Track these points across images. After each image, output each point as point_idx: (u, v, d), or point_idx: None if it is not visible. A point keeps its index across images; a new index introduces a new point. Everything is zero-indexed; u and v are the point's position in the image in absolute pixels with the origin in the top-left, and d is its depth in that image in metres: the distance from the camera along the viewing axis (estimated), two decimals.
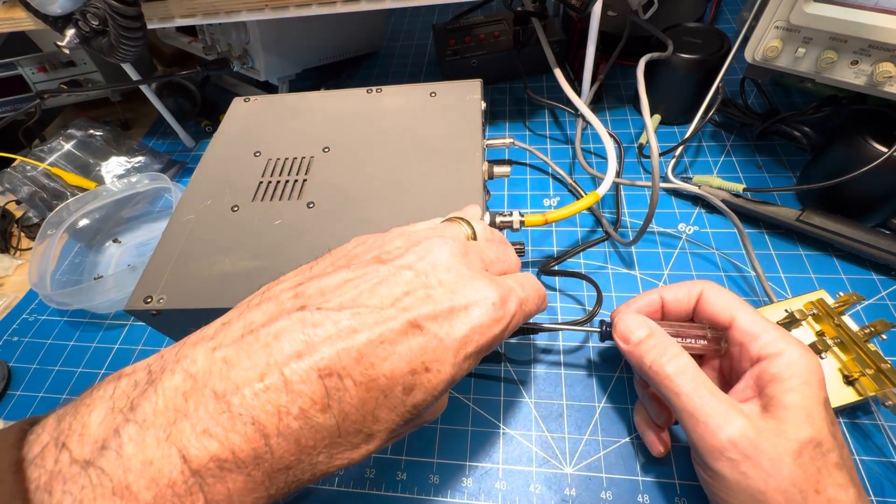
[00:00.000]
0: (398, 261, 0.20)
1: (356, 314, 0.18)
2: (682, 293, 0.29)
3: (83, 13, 0.37)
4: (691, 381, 0.24)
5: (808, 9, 0.34)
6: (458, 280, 0.20)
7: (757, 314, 0.27)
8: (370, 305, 0.18)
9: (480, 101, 0.41)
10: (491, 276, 0.22)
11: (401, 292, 0.19)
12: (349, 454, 0.18)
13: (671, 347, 0.26)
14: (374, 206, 0.34)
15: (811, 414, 0.23)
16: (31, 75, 0.57)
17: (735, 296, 0.28)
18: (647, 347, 0.27)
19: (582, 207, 0.36)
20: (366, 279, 0.19)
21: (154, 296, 0.31)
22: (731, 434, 0.22)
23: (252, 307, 0.19)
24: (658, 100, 0.50)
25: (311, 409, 0.16)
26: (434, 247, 0.21)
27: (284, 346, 0.17)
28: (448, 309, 0.19)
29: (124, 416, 0.15)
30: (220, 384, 0.16)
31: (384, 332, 0.18)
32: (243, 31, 0.51)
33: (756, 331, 0.25)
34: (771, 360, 0.24)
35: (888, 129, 0.37)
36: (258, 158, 0.40)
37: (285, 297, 0.19)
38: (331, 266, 0.21)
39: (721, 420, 0.23)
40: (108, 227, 0.51)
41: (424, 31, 0.72)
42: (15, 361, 0.42)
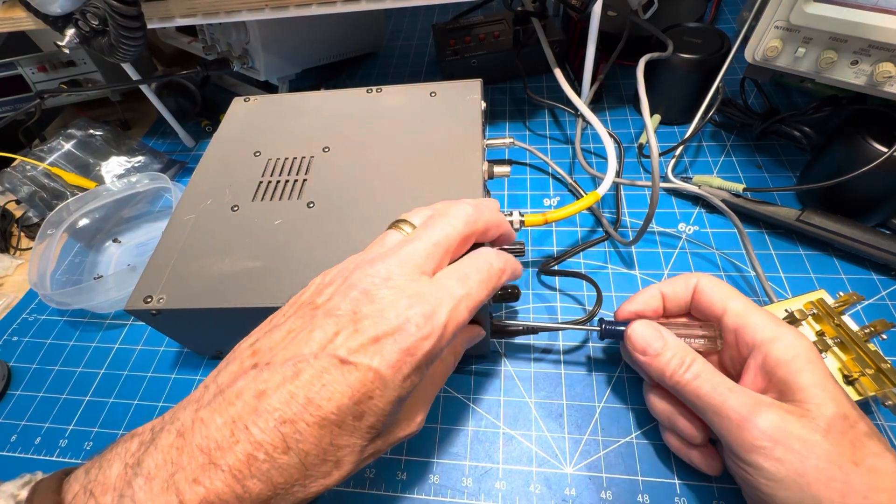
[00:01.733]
0: (329, 304, 0.22)
1: (297, 364, 0.20)
2: (679, 287, 0.30)
3: (83, 13, 0.37)
4: (708, 382, 0.25)
5: (808, 9, 0.34)
6: (382, 308, 0.21)
7: (748, 302, 0.27)
8: (306, 354, 0.20)
9: (480, 101, 0.41)
10: (424, 284, 0.22)
11: (332, 333, 0.20)
12: (323, 481, 0.20)
13: (687, 356, 0.27)
14: (374, 206, 0.34)
15: (827, 389, 0.23)
16: (31, 75, 0.57)
17: (729, 287, 0.29)
18: (664, 360, 0.27)
19: (582, 207, 0.36)
20: (304, 328, 0.21)
21: (154, 296, 0.31)
22: (758, 423, 0.23)
23: (222, 369, 0.22)
24: (658, 100, 0.50)
25: (274, 452, 0.19)
26: (357, 281, 0.22)
27: (244, 403, 0.19)
28: (373, 338, 0.20)
29: (133, 472, 0.19)
30: (201, 440, 0.19)
31: (322, 377, 0.19)
32: (243, 31, 0.51)
33: (749, 320, 0.26)
34: (770, 346, 0.25)
35: (888, 129, 0.37)
36: (258, 158, 0.40)
37: (245, 355, 0.21)
38: (283, 317, 0.23)
39: (745, 412, 0.23)
40: (108, 227, 0.51)
41: (424, 31, 0.72)
42: (15, 361, 0.42)
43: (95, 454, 0.21)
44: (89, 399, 0.39)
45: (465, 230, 0.24)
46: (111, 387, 0.39)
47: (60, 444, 0.36)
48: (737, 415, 0.23)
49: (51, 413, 0.38)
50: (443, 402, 0.35)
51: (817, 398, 0.23)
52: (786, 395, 0.24)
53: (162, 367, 0.40)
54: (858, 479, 0.21)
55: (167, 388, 0.38)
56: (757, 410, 0.23)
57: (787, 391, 0.24)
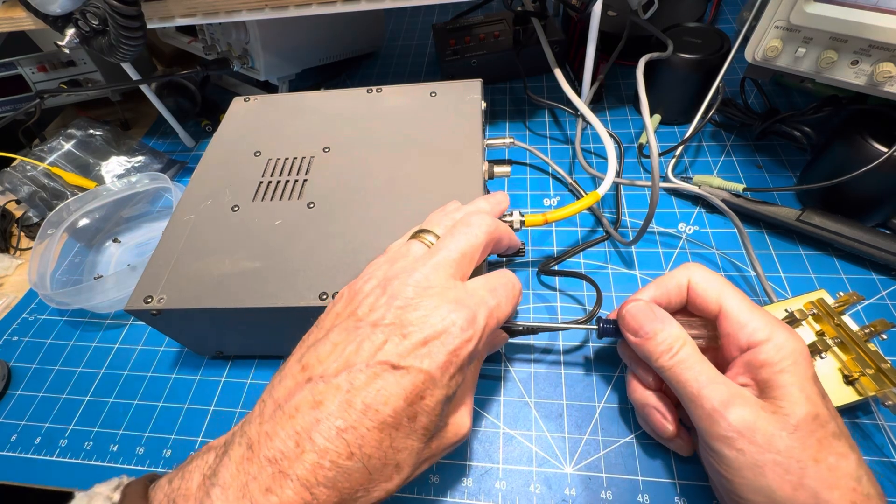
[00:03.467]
0: (372, 315, 0.23)
1: (350, 374, 0.21)
2: (672, 284, 0.30)
3: (83, 13, 0.37)
4: (691, 370, 0.26)
5: (808, 9, 0.34)
6: (427, 314, 0.22)
7: (742, 299, 0.27)
8: (358, 363, 0.21)
9: (480, 101, 0.41)
10: (460, 291, 0.24)
11: (381, 342, 0.22)
12: (385, 485, 0.21)
13: (677, 341, 0.27)
14: (375, 206, 0.34)
15: (804, 390, 0.24)
16: (31, 75, 0.57)
17: (720, 280, 0.28)
18: (655, 344, 0.27)
19: (582, 207, 0.36)
20: (351, 340, 0.22)
21: (154, 296, 0.31)
22: (727, 414, 0.24)
23: (275, 384, 0.23)
24: (658, 100, 0.50)
25: (339, 459, 0.20)
26: (398, 292, 0.23)
27: (305, 415, 0.20)
28: (421, 342, 0.22)
29: (211, 482, 0.20)
30: (269, 452, 0.20)
31: (376, 382, 0.21)
32: (243, 31, 0.51)
33: (743, 320, 0.26)
34: (760, 347, 0.25)
35: (888, 129, 0.37)
36: (258, 158, 0.39)
37: (295, 370, 0.22)
38: (322, 331, 0.24)
39: (718, 403, 0.24)
40: (108, 227, 0.51)
41: (424, 31, 0.72)
42: (15, 361, 0.42)
43: (177, 465, 0.23)
44: (89, 399, 0.38)
45: (486, 240, 0.26)
46: (111, 387, 0.39)
47: (60, 443, 0.36)
48: (710, 405, 0.24)
49: (51, 413, 0.38)
50: None
51: (793, 397, 0.24)
52: (764, 393, 0.25)
53: (162, 367, 0.40)
54: (814, 475, 0.22)
55: (167, 387, 0.38)
56: (730, 403, 0.24)
57: (767, 389, 0.24)
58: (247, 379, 0.38)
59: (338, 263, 0.31)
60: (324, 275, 0.31)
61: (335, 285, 0.30)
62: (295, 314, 0.31)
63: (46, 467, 0.35)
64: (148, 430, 0.36)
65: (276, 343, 0.37)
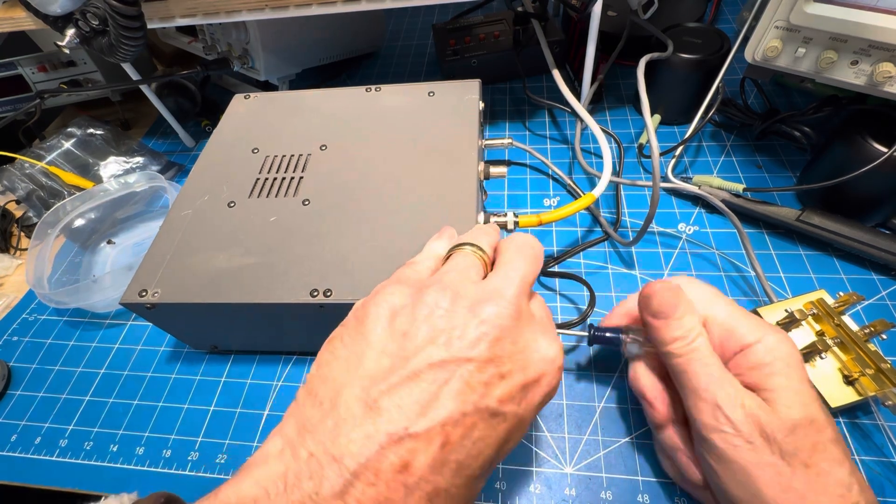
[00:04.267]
0: (461, 347, 0.20)
1: (445, 428, 0.18)
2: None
3: (83, 13, 0.37)
4: (703, 361, 0.25)
5: (808, 9, 0.34)
6: (523, 349, 0.21)
7: (731, 305, 0.27)
8: (454, 413, 0.18)
9: (478, 101, 0.41)
10: (544, 321, 0.23)
11: (479, 383, 0.19)
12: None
13: (693, 331, 0.26)
14: (370, 204, 0.35)
15: (798, 393, 0.24)
16: (31, 75, 0.57)
17: (711, 290, 0.28)
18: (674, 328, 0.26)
19: (578, 208, 0.36)
20: (439, 380, 0.19)
21: (149, 289, 0.32)
22: (729, 411, 0.24)
23: (336, 434, 0.18)
24: (658, 100, 0.50)
25: None
26: (492, 318, 0.20)
27: (387, 483, 0.17)
28: (521, 386, 0.20)
29: None
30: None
31: (472, 434, 0.19)
32: (243, 31, 0.51)
33: (732, 324, 0.26)
34: (750, 349, 0.25)
35: (888, 129, 0.37)
36: (256, 155, 0.40)
37: (364, 415, 0.18)
38: (385, 357, 0.20)
39: (721, 398, 0.24)
40: (104, 228, 0.50)
41: (424, 31, 0.72)
42: (15, 361, 0.42)
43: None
44: (89, 399, 0.38)
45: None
46: (111, 387, 0.39)
47: (60, 443, 0.36)
48: (714, 400, 0.24)
49: (51, 413, 0.38)
50: None
51: (786, 400, 0.23)
52: (760, 394, 0.24)
53: (162, 366, 0.40)
54: (803, 479, 0.22)
55: (167, 387, 0.38)
56: (735, 401, 0.24)
57: (761, 391, 0.24)
58: (247, 378, 0.38)
59: (331, 261, 0.32)
60: (316, 272, 0.31)
61: (327, 282, 0.30)
62: (287, 310, 0.31)
63: (46, 467, 0.35)
64: (148, 430, 0.36)
65: (272, 339, 0.37)
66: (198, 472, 0.34)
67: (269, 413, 0.36)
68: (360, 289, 0.30)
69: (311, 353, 0.39)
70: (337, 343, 0.22)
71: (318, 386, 0.20)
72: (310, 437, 0.18)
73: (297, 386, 0.37)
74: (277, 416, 0.36)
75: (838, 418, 0.31)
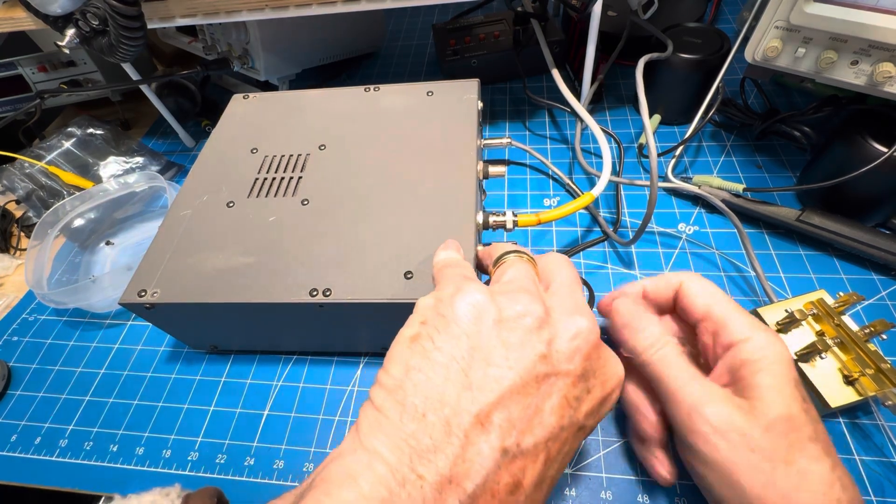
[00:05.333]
0: (572, 368, 0.20)
1: (549, 444, 0.19)
2: (661, 283, 0.30)
3: (83, 13, 0.37)
4: (674, 366, 0.26)
5: (808, 9, 0.34)
6: (603, 365, 0.22)
7: (732, 305, 0.27)
8: (556, 429, 0.19)
9: (477, 101, 0.41)
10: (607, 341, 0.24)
11: (574, 397, 0.20)
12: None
13: (661, 338, 0.28)
14: (369, 204, 0.35)
15: (781, 391, 0.24)
16: (31, 75, 0.57)
17: (714, 288, 0.29)
18: (642, 336, 0.28)
19: (576, 208, 0.36)
20: (544, 394, 0.19)
21: (148, 289, 0.32)
22: (704, 412, 0.24)
23: (447, 454, 0.17)
24: (658, 100, 0.50)
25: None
26: (590, 339, 0.21)
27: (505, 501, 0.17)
28: (600, 400, 0.22)
29: None
30: None
31: (563, 447, 0.20)
32: (243, 31, 0.51)
33: (726, 319, 0.27)
34: (739, 346, 0.25)
35: (888, 129, 0.37)
36: (255, 155, 0.40)
37: (476, 427, 0.18)
38: (504, 388, 0.19)
39: (696, 401, 0.25)
40: (103, 228, 0.50)
41: (424, 31, 0.72)
42: (15, 361, 0.42)
43: None
44: (89, 399, 0.38)
45: None
46: (111, 387, 0.39)
47: (60, 444, 0.36)
48: (690, 401, 0.25)
49: (51, 413, 0.38)
50: None
51: (768, 398, 0.24)
52: (742, 392, 0.25)
53: (162, 366, 0.40)
54: (784, 476, 0.22)
55: (167, 387, 0.38)
56: (707, 401, 0.24)
57: (745, 389, 0.24)
58: (247, 378, 0.38)
59: (330, 260, 0.32)
60: (315, 271, 0.31)
61: (326, 282, 0.30)
62: (286, 310, 0.31)
63: (46, 467, 0.35)
64: (148, 430, 0.36)
65: (272, 339, 0.37)
66: (198, 472, 0.34)
67: (269, 413, 0.36)
68: (359, 288, 0.30)
69: (311, 353, 0.39)
70: (427, 345, 0.20)
71: (413, 396, 0.18)
72: (416, 457, 0.17)
73: (297, 386, 0.37)
74: (277, 415, 0.36)
75: (838, 418, 0.31)
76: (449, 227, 0.32)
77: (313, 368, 0.38)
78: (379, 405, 0.19)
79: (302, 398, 0.36)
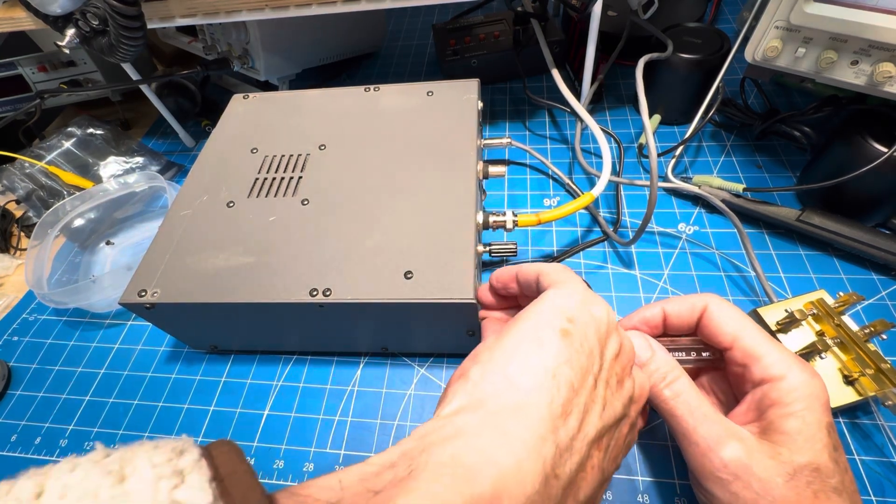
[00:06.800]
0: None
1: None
2: (685, 307, 0.28)
3: (83, 13, 0.37)
4: (686, 404, 0.25)
5: (808, 9, 0.34)
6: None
7: (761, 333, 0.26)
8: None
9: (477, 101, 0.41)
10: None
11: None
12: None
13: (671, 372, 0.26)
14: (369, 204, 0.35)
15: (810, 439, 0.22)
16: (31, 75, 0.57)
17: (740, 313, 0.27)
18: (647, 371, 0.27)
19: (576, 208, 0.36)
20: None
21: (148, 289, 0.32)
22: (722, 455, 0.23)
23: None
24: (658, 100, 0.50)
25: None
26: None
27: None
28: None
29: None
30: None
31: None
32: (243, 31, 0.51)
33: (759, 352, 0.25)
34: (773, 385, 0.24)
35: (888, 129, 0.37)
36: (255, 155, 0.40)
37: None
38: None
39: (713, 442, 0.23)
40: (103, 228, 0.50)
41: (424, 31, 0.72)
42: (15, 361, 0.42)
43: None
44: (89, 399, 0.38)
45: None
46: (111, 387, 0.39)
47: (60, 443, 0.36)
48: (704, 443, 0.24)
49: (51, 413, 0.38)
50: None
51: (796, 444, 0.22)
52: (768, 434, 0.23)
53: (162, 366, 0.40)
54: None
55: (167, 387, 0.38)
56: (725, 443, 0.23)
57: (772, 431, 0.23)
58: (247, 378, 0.38)
59: (330, 260, 0.32)
60: (315, 271, 0.31)
61: (326, 282, 0.30)
62: (286, 310, 0.31)
63: None
64: (148, 430, 0.36)
65: (272, 338, 0.37)
66: None
67: (269, 413, 0.36)
68: (359, 288, 0.30)
69: (311, 353, 0.39)
70: (576, 345, 0.22)
71: (558, 394, 0.21)
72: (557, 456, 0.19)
73: (297, 386, 0.37)
74: (277, 415, 0.36)
75: (838, 418, 0.32)
76: (449, 227, 0.32)
77: (313, 368, 0.38)
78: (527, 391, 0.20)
79: (302, 398, 0.36)
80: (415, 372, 0.37)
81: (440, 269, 0.30)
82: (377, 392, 0.36)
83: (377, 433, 0.34)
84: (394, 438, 0.34)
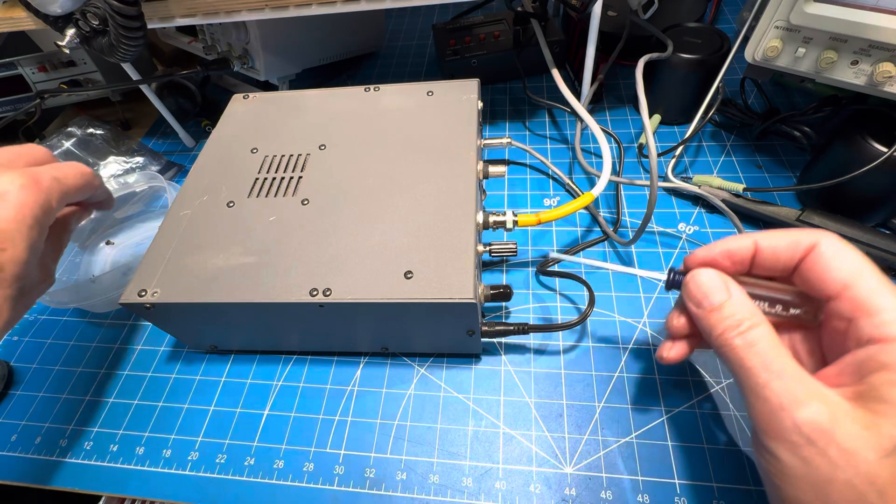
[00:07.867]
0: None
1: None
2: (783, 242, 0.24)
3: (83, 13, 0.37)
4: (760, 355, 0.21)
5: (808, 9, 0.34)
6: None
7: (884, 283, 0.21)
8: None
9: (477, 101, 0.41)
10: (19, 169, 0.27)
11: None
12: None
13: (749, 319, 0.22)
14: (369, 204, 0.35)
15: None
16: (31, 75, 0.57)
17: (861, 257, 0.22)
18: (719, 317, 0.23)
19: (576, 208, 0.36)
20: None
21: (148, 289, 0.32)
22: (798, 415, 0.19)
23: None
24: (658, 100, 0.50)
25: None
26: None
27: None
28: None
29: None
30: None
31: None
32: (243, 31, 0.51)
33: (877, 305, 0.21)
34: (886, 346, 0.20)
35: (888, 129, 0.37)
36: (255, 155, 0.40)
37: None
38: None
39: (788, 401, 0.20)
40: (103, 228, 0.50)
41: (424, 31, 0.72)
42: (15, 361, 0.42)
43: None
44: (89, 399, 0.39)
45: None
46: (111, 387, 0.39)
47: (60, 443, 0.36)
48: (777, 400, 0.20)
49: (51, 413, 0.38)
50: (443, 402, 0.35)
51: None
52: (864, 400, 0.20)
53: (162, 366, 0.40)
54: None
55: (167, 387, 0.38)
56: (804, 402, 0.19)
57: (871, 399, 0.19)
58: (247, 378, 0.38)
59: (330, 260, 0.32)
60: (315, 271, 0.31)
61: (326, 282, 0.30)
62: (287, 310, 0.31)
63: (46, 467, 0.35)
64: (148, 430, 0.36)
65: (272, 338, 0.37)
66: (198, 472, 0.34)
67: (269, 413, 0.36)
68: (359, 288, 0.30)
69: (311, 353, 0.39)
70: None
71: None
72: None
73: (297, 386, 0.37)
74: (277, 415, 0.36)
75: None
76: (449, 227, 0.32)
77: (313, 368, 0.38)
78: None
79: (302, 398, 0.36)
80: (415, 372, 0.37)
81: (440, 268, 0.30)
82: (377, 392, 0.36)
83: (377, 433, 0.34)
84: (394, 438, 0.34)
